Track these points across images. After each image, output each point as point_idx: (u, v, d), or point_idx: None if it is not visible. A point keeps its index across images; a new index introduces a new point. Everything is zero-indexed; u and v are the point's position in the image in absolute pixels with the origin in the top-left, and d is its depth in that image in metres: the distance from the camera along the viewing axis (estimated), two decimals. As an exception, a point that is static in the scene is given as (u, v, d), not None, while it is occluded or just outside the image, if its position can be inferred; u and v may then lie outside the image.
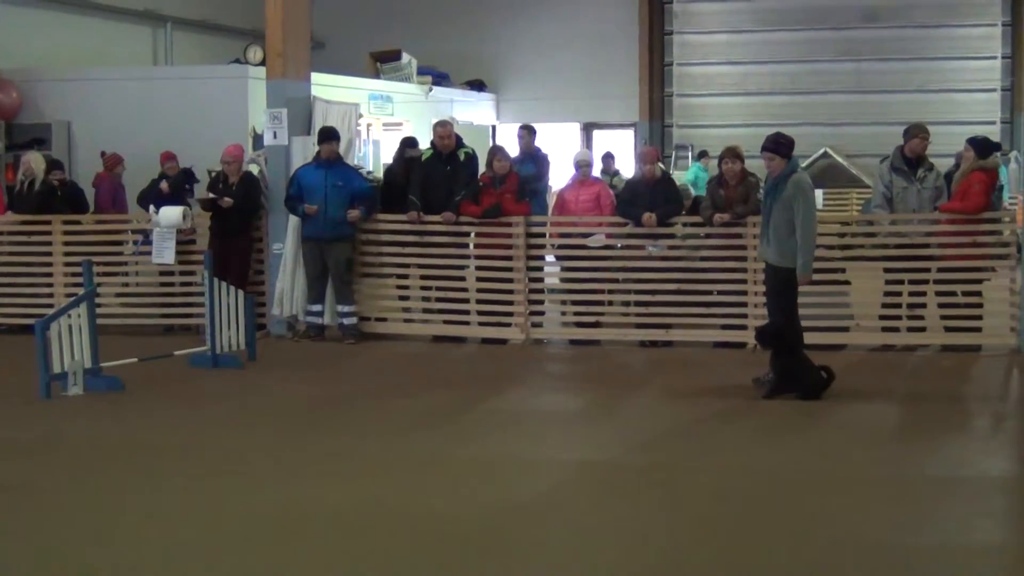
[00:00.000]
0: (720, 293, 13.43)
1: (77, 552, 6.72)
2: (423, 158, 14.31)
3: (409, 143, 15.03)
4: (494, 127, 27.20)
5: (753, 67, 27.40)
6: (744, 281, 13.16)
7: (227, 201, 14.02)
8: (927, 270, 13.07)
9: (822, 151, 26.20)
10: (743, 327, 13.06)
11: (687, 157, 26.56)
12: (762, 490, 7.92)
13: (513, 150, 15.08)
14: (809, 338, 11.79)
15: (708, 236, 13.46)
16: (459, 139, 14.35)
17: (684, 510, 7.51)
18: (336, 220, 13.81)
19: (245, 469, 8.56)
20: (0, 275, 15.12)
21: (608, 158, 23.19)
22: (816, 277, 13.20)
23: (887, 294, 13.28)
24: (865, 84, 26.59)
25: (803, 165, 23.78)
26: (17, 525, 7.23)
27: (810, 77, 26.94)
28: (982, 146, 13.01)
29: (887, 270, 13.30)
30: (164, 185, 14.93)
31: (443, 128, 14.25)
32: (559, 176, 16.49)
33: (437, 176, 14.05)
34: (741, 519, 7.27)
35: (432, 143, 14.30)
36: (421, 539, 6.91)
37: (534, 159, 15.25)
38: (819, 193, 24.62)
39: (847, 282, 13.43)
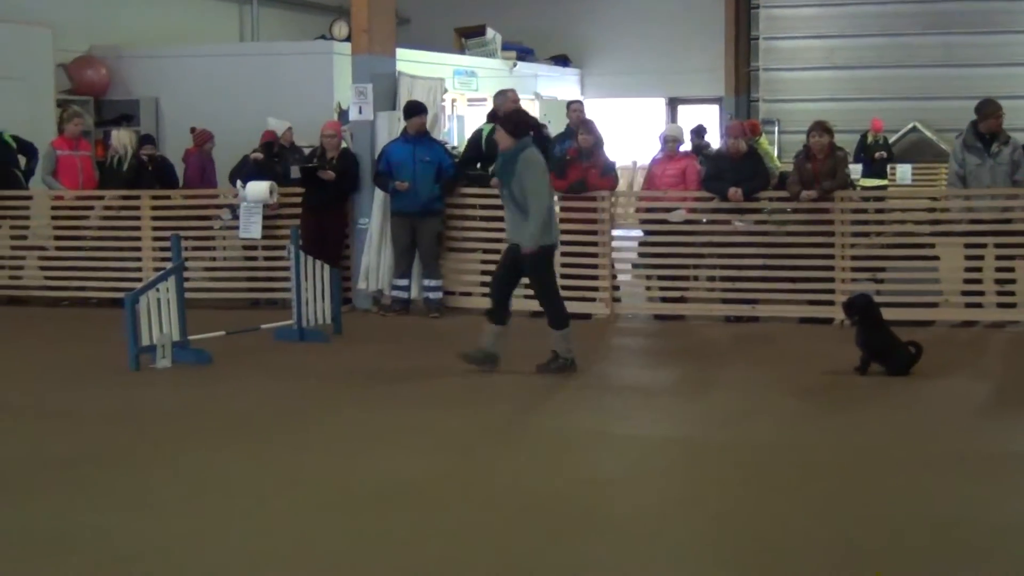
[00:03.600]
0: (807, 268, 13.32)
1: (165, 518, 6.80)
2: (486, 133, 14.29)
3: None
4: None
5: (840, 40, 27.06)
6: (831, 256, 13.04)
7: (329, 174, 14.07)
8: (1017, 245, 12.87)
9: (911, 125, 25.87)
10: (830, 303, 12.95)
11: (773, 132, 26.34)
12: (847, 467, 7.85)
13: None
14: (898, 314, 11.69)
15: (795, 211, 13.35)
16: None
17: (769, 486, 7.44)
18: (426, 195, 13.83)
19: (329, 441, 8.62)
20: (90, 249, 15.31)
21: (699, 132, 21.52)
22: (904, 252, 13.20)
23: (967, 270, 13.11)
24: (953, 57, 26.16)
25: (892, 140, 23.83)
26: (107, 493, 7.33)
27: (897, 50, 26.56)
28: None
29: (967, 245, 13.13)
30: (258, 155, 15.06)
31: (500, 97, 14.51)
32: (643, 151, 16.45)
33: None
34: (825, 495, 7.20)
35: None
36: (502, 513, 6.92)
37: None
38: (907, 168, 24.46)
39: (936, 257, 13.28)
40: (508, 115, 11.04)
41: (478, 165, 14.46)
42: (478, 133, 14.66)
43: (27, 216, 15.70)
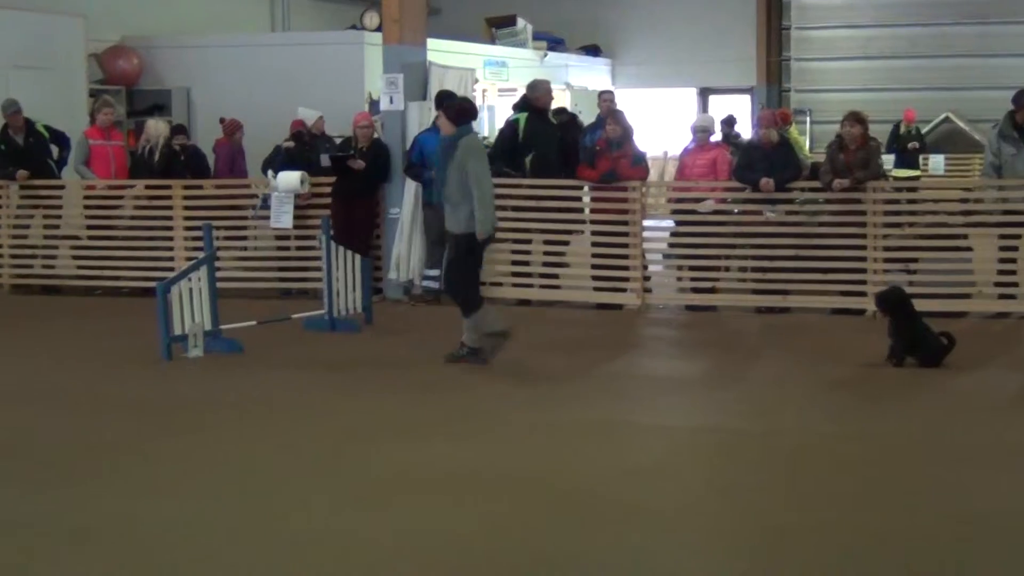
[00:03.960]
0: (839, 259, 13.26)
1: (196, 508, 6.82)
2: (523, 123, 14.25)
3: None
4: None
5: (873, 30, 26.97)
6: (863, 247, 12.97)
7: (359, 163, 14.11)
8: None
9: (944, 116, 25.76)
10: (862, 293, 12.89)
11: (805, 122, 26.25)
12: (879, 458, 7.82)
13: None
14: (931, 305, 11.64)
15: (827, 201, 13.30)
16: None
17: (800, 477, 7.43)
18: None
19: (361, 430, 8.63)
20: (122, 239, 15.37)
21: (730, 122, 21.62)
22: (937, 244, 13.13)
23: (1001, 261, 13.05)
24: (987, 47, 26.02)
25: (925, 130, 23.72)
26: (137, 481, 7.36)
27: (931, 40, 26.43)
28: None
29: (1001, 236, 13.07)
30: (290, 144, 15.13)
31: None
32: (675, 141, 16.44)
33: (540, 138, 14.10)
34: (858, 487, 7.18)
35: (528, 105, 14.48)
36: (533, 502, 6.92)
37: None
38: (940, 158, 24.36)
39: (969, 248, 13.21)
40: (452, 104, 11.22)
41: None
42: (513, 123, 14.58)
43: (60, 205, 15.77)
